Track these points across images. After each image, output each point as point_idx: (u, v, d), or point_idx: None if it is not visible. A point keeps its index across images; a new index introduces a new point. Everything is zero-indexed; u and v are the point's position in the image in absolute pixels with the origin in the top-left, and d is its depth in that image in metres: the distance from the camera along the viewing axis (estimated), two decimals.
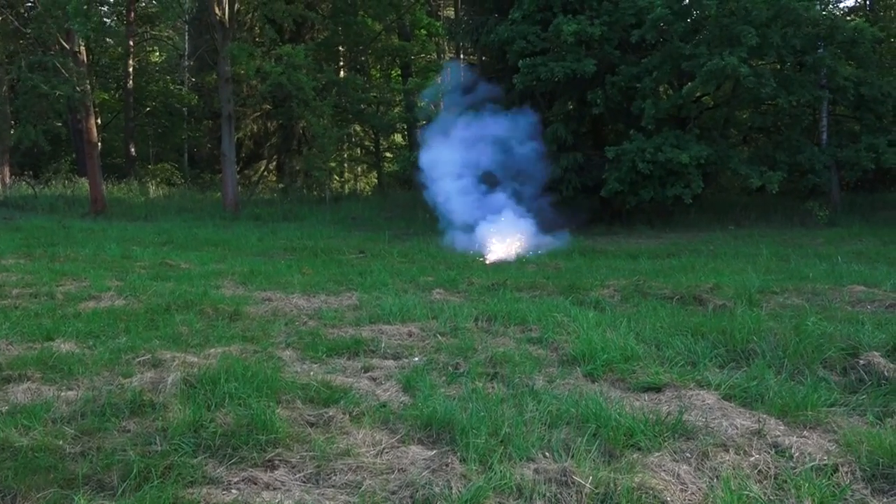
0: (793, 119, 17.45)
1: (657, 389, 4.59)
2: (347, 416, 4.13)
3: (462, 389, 4.56)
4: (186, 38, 33.22)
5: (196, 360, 5.13)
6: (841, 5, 23.54)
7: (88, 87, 21.03)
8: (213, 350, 5.43)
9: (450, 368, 5.10)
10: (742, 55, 15.16)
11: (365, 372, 5.09)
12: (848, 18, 18.61)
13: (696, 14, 16.76)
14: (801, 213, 16.63)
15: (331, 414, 4.13)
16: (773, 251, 11.82)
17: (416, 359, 5.36)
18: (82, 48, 20.62)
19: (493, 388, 4.61)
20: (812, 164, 16.37)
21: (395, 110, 28.60)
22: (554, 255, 12.06)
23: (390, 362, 5.32)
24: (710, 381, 4.66)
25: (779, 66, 16.99)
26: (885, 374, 4.62)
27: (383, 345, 5.72)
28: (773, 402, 4.24)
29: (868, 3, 23.75)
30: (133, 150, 29.59)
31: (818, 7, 16.49)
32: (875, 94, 16.53)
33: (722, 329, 5.62)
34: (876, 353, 4.89)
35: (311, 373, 4.98)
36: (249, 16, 26.54)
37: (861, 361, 4.81)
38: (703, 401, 4.30)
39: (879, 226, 15.19)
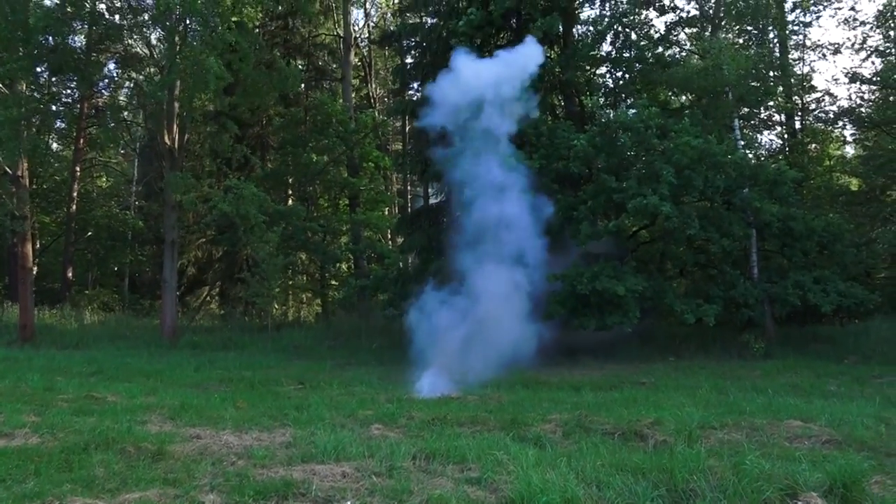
0: (724, 254, 18.13)
1: None
2: None
3: None
4: (136, 163, 33.50)
5: None
6: (761, 146, 25.26)
7: (28, 212, 20.72)
8: (128, 495, 5.07)
9: None
10: (664, 193, 15.73)
11: None
12: (772, 164, 19.81)
13: (618, 150, 17.42)
14: (739, 345, 16.96)
15: None
16: (713, 384, 11.94)
17: (348, 503, 5.09)
18: (25, 172, 20.48)
19: None
20: (746, 298, 16.83)
21: (342, 239, 28.85)
22: (497, 387, 11.93)
23: None
24: None
25: (708, 205, 17.77)
26: None
27: (314, 487, 5.43)
28: None
29: (786, 147, 25.63)
30: (71, 274, 28.89)
31: (740, 151, 17.52)
32: (801, 230, 17.33)
33: (662, 468, 5.54)
34: (814, 493, 4.88)
35: None
36: (198, 146, 27.01)
37: (799, 503, 4.76)
38: None
39: (812, 358, 15.55)
